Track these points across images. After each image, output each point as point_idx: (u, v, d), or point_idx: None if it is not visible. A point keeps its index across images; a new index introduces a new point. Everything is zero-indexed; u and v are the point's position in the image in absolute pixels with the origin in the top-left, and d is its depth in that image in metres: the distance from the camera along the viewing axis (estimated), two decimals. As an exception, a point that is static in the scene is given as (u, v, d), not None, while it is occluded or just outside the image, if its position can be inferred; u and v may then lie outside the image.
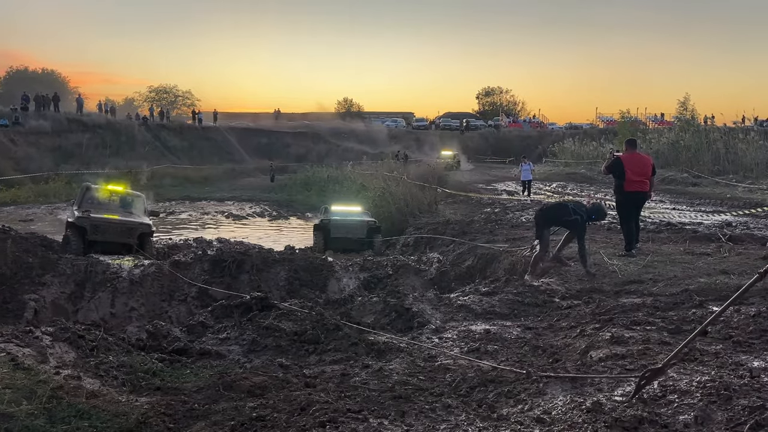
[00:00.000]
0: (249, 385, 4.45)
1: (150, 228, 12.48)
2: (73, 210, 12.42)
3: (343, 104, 78.61)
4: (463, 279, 10.16)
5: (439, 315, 6.88)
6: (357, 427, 3.64)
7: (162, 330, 6.29)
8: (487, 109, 75.84)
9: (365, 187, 24.04)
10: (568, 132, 55.02)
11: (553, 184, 28.21)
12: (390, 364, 5.11)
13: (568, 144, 43.34)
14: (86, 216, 11.62)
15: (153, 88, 73.53)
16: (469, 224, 14.27)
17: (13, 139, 34.22)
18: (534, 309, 6.64)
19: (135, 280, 9.26)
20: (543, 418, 3.65)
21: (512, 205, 18.26)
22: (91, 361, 4.75)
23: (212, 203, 29.33)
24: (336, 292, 10.11)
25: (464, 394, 4.25)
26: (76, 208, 12.41)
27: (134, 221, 12.25)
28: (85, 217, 11.60)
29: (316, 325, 6.32)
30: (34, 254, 9.80)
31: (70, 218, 11.91)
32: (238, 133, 50.66)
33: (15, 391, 3.86)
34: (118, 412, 3.85)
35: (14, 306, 8.28)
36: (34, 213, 23.13)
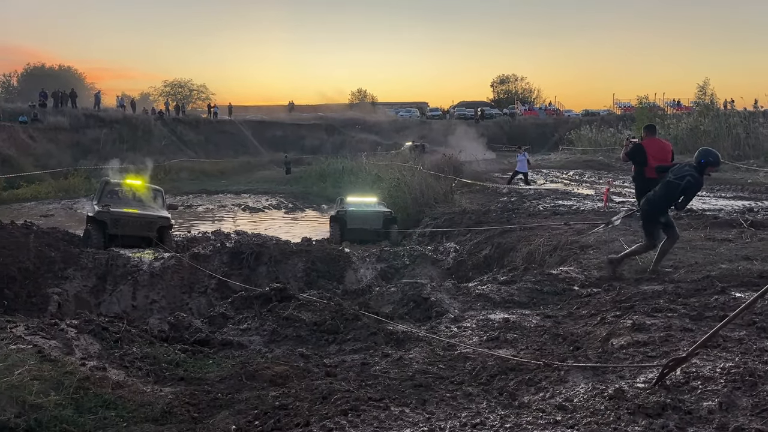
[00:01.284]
0: (271, 375, 4.50)
1: (169, 221, 12.59)
2: (93, 204, 12.55)
3: (357, 95, 78.61)
4: (481, 268, 10.14)
5: (458, 304, 6.88)
6: (379, 414, 3.67)
7: (183, 321, 6.36)
8: (502, 97, 75.28)
9: (380, 177, 24.02)
10: (585, 119, 54.50)
11: (570, 171, 28.00)
12: (409, 353, 5.13)
13: (585, 131, 42.93)
14: (106, 210, 11.75)
15: (168, 83, 74.07)
16: (485, 213, 14.22)
17: (32, 136, 34.67)
18: (553, 297, 6.62)
19: (155, 273, 9.37)
20: (565, 406, 3.65)
21: (529, 194, 18.16)
22: (115, 353, 4.83)
23: (229, 196, 29.51)
24: (353, 282, 10.15)
25: (485, 383, 4.26)
26: (95, 202, 12.54)
27: (153, 215, 12.36)
28: (105, 212, 11.73)
29: (335, 316, 6.36)
30: (57, 248, 9.95)
31: (91, 213, 12.05)
32: (253, 126, 50.88)
33: (43, 383, 3.93)
34: (143, 402, 3.91)
35: (38, 300, 8.42)
36: (55, 208, 23.44)
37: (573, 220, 11.93)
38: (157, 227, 12.14)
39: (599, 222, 10.57)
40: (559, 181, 24.08)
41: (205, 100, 68.83)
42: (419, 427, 3.43)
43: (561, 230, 10.61)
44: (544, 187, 20.05)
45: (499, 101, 73.12)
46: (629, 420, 3.35)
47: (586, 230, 10.20)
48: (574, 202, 15.55)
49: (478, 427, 3.39)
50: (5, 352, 4.33)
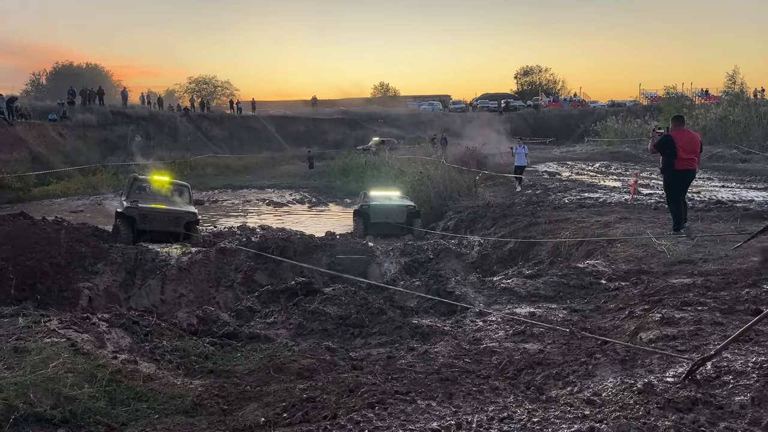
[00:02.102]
0: (298, 368, 4.54)
1: (196, 216, 12.77)
2: (121, 200, 12.76)
3: (379, 89, 78.57)
4: (506, 262, 10.08)
5: (483, 298, 6.87)
6: (405, 408, 3.68)
7: (211, 315, 6.46)
8: (525, 89, 74.56)
9: (403, 171, 24.00)
10: (611, 110, 53.73)
11: (596, 163, 27.64)
12: (435, 347, 5.13)
13: (611, 122, 42.37)
14: (135, 206, 11.94)
15: (193, 79, 74.85)
16: (510, 207, 14.13)
17: (61, 133, 35.30)
18: (580, 291, 6.57)
19: (183, 267, 9.49)
20: (593, 400, 3.62)
21: (554, 186, 17.99)
22: (145, 346, 4.92)
23: (253, 191, 29.74)
24: (377, 276, 10.17)
25: (511, 377, 4.24)
26: (124, 198, 12.74)
27: (181, 210, 12.54)
28: (134, 207, 11.91)
29: (361, 309, 6.40)
30: (87, 244, 10.14)
31: (120, 208, 12.25)
32: (277, 122, 51.16)
33: (77, 375, 4.02)
34: (174, 394, 3.98)
35: (70, 294, 8.58)
36: (84, 204, 23.87)
37: (600, 212, 11.80)
38: (185, 222, 12.32)
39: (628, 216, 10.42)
40: (584, 173, 23.81)
41: (229, 96, 69.46)
42: (446, 420, 3.43)
43: (587, 223, 10.51)
44: (569, 179, 19.81)
45: (523, 93, 72.44)
46: (659, 415, 3.32)
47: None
48: (600, 194, 15.36)
49: (506, 421, 3.38)
50: (40, 346, 4.43)
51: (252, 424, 3.56)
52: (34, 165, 28.92)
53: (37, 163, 29.59)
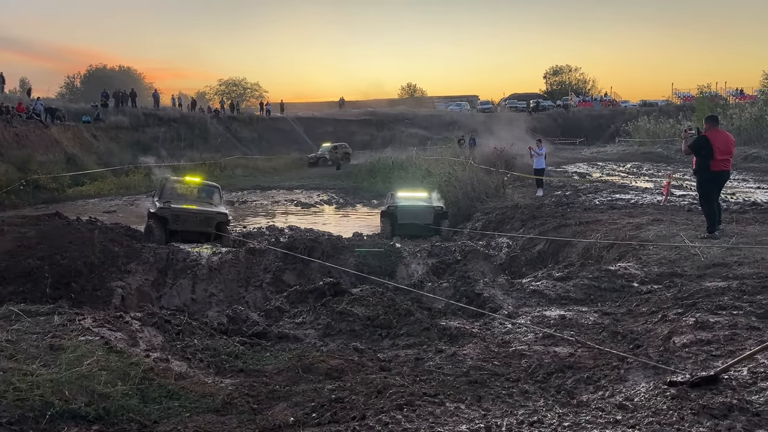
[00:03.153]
0: (326, 368, 4.56)
1: (227, 217, 12.94)
2: (154, 201, 12.95)
3: (407, 90, 78.53)
4: (535, 264, 9.98)
5: (511, 300, 6.81)
6: (434, 410, 3.67)
7: (241, 314, 6.53)
8: (555, 88, 73.77)
9: (430, 172, 23.94)
10: (643, 110, 52.88)
11: (627, 164, 27.24)
12: (463, 349, 5.11)
13: (643, 122, 41.75)
14: (167, 206, 12.12)
15: (223, 81, 75.83)
16: (539, 208, 13.99)
17: (95, 135, 36.09)
18: (611, 294, 6.47)
19: (213, 267, 9.61)
20: (625, 405, 3.56)
21: (584, 187, 17.75)
22: (177, 345, 4.99)
23: (282, 192, 29.98)
24: (405, 277, 10.16)
25: (541, 380, 4.20)
26: (157, 199, 12.94)
27: (212, 210, 12.71)
28: (167, 208, 12.10)
29: (388, 310, 6.40)
30: (120, 243, 10.33)
31: (153, 209, 12.43)
32: (305, 123, 51.54)
33: (110, 373, 4.10)
34: (205, 392, 4.03)
35: (103, 293, 8.74)
36: (117, 204, 24.33)
37: (632, 213, 11.62)
38: (216, 223, 12.48)
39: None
40: (615, 174, 23.46)
41: (259, 97, 70.14)
42: (475, 423, 3.41)
43: (619, 225, 10.35)
44: (600, 180, 19.52)
45: (553, 93, 71.69)
46: (693, 421, 3.25)
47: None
48: (632, 195, 15.12)
49: (536, 425, 3.34)
50: (75, 344, 4.53)
51: (281, 424, 3.59)
52: (68, 166, 29.61)
53: (72, 164, 30.29)
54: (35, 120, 31.39)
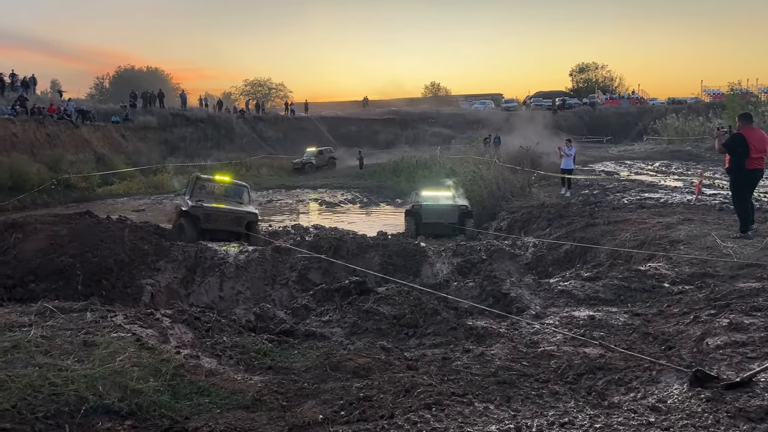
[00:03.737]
0: (354, 366, 4.57)
1: (257, 217, 13.02)
2: (185, 199, 13.01)
3: (430, 88, 78.35)
4: (562, 264, 9.87)
5: (539, 300, 6.75)
6: (463, 410, 3.66)
7: (268, 312, 6.58)
8: (581, 86, 72.90)
9: (455, 171, 23.85)
10: (671, 107, 51.93)
11: (656, 163, 26.81)
12: (491, 349, 5.07)
13: (671, 120, 41.03)
14: (199, 205, 12.18)
15: (248, 82, 76.50)
16: (565, 207, 13.83)
17: (124, 135, 36.70)
18: (642, 295, 6.37)
19: (240, 265, 9.69)
20: (658, 407, 3.51)
21: (612, 186, 17.51)
22: (207, 342, 5.05)
23: (306, 191, 30.16)
24: (430, 276, 10.12)
25: (571, 381, 4.15)
26: (188, 197, 12.99)
27: (243, 210, 12.79)
28: (199, 206, 12.16)
29: (415, 309, 6.40)
30: (149, 242, 10.46)
31: (185, 207, 12.48)
32: (328, 122, 51.75)
33: (142, 369, 4.16)
34: (234, 389, 4.07)
35: (133, 290, 8.87)
36: (145, 203, 24.72)
37: (662, 213, 11.43)
38: (246, 222, 12.55)
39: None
40: (644, 172, 23.11)
41: (283, 97, 70.67)
42: (505, 424, 3.38)
43: (648, 224, 10.19)
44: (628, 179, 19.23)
45: (579, 90, 70.85)
46: (729, 424, 3.19)
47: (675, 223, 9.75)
48: (661, 194, 14.88)
49: (567, 427, 3.31)
50: (107, 340, 4.61)
51: (311, 421, 3.60)
52: (98, 165, 30.17)
53: (101, 163, 30.85)
54: (66, 120, 32.02)
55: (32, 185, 23.63)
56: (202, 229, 12.16)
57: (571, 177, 17.49)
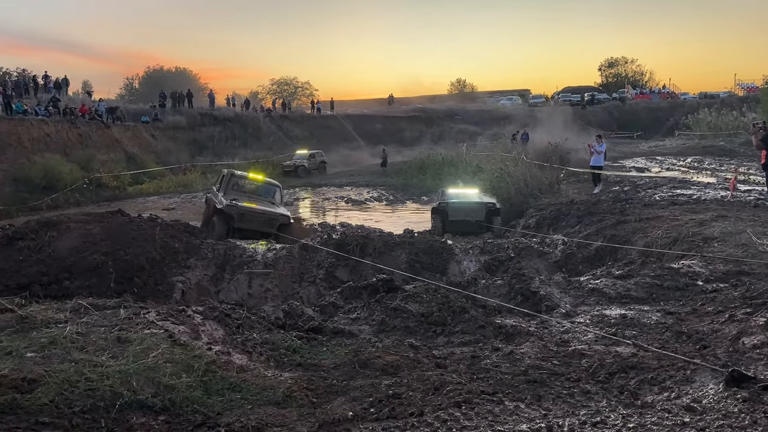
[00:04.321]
0: (383, 364, 4.58)
1: (289, 219, 13.01)
2: (219, 197, 12.98)
3: (456, 85, 77.93)
4: (593, 262, 9.73)
5: (569, 299, 6.68)
6: (493, 408, 3.64)
7: (297, 309, 6.63)
8: (610, 81, 71.74)
9: (481, 168, 23.69)
10: (703, 102, 50.87)
11: (688, 158, 26.30)
12: (521, 347, 5.04)
13: (703, 115, 40.18)
14: (234, 204, 12.21)
15: (275, 81, 76.93)
16: (595, 204, 13.64)
17: (153, 135, 37.28)
18: (675, 293, 6.26)
19: (269, 263, 9.79)
20: (693, 407, 3.44)
21: (643, 182, 17.22)
22: (237, 338, 5.11)
23: (332, 189, 30.27)
24: (457, 274, 10.09)
25: (603, 380, 4.10)
26: (222, 195, 12.97)
27: (276, 212, 12.78)
28: (234, 206, 12.18)
29: (442, 307, 6.38)
30: (179, 240, 10.63)
31: (219, 205, 12.49)
32: (354, 120, 51.81)
33: (175, 365, 4.23)
34: (265, 385, 4.11)
35: (164, 287, 9.03)
36: (175, 202, 25.07)
37: (694, 209, 11.21)
38: (278, 224, 12.56)
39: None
40: (676, 168, 22.69)
41: (309, 96, 70.91)
42: (536, 423, 3.36)
43: (681, 221, 10.00)
44: (660, 175, 18.89)
45: (608, 85, 69.74)
46: (767, 425, 3.11)
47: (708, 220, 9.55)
48: (694, 191, 14.59)
49: (599, 426, 3.27)
50: (141, 336, 4.70)
51: (341, 418, 3.62)
52: (128, 165, 30.72)
53: (132, 163, 31.40)
54: (97, 121, 32.66)
55: (65, 184, 24.16)
56: (233, 228, 12.21)
57: (600, 173, 17.16)
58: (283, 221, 12.71)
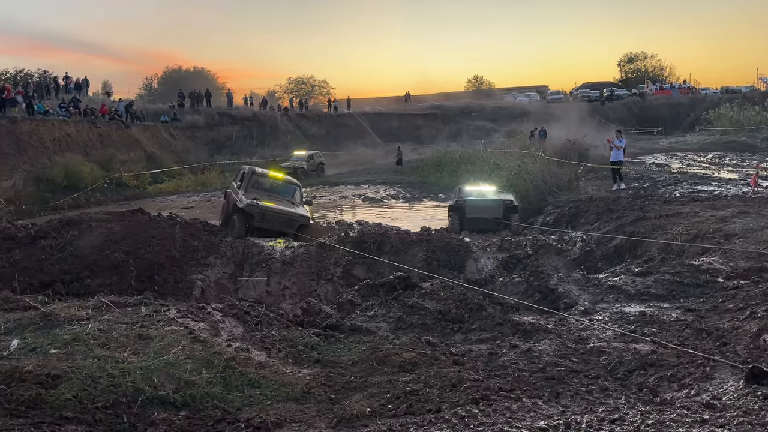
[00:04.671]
0: (400, 361, 4.60)
1: (309, 220, 13.01)
2: (240, 195, 12.86)
3: (473, 82, 77.64)
4: (612, 259, 9.66)
5: (588, 296, 6.64)
6: (510, 405, 3.64)
7: (314, 307, 6.67)
8: (630, 76, 70.96)
9: (499, 165, 23.57)
10: (725, 97, 50.07)
11: (708, 154, 25.95)
12: (538, 344, 5.03)
13: (725, 110, 39.55)
14: (255, 204, 12.19)
15: (292, 80, 77.24)
16: (615, 201, 13.52)
17: (172, 134, 37.64)
18: (695, 290, 6.20)
19: (286, 261, 9.86)
20: (713, 404, 3.42)
21: (663, 178, 17.02)
22: (256, 335, 5.16)
23: (349, 187, 30.30)
24: (474, 272, 10.07)
25: (622, 377, 4.08)
26: (243, 193, 12.90)
27: (296, 213, 12.77)
28: (254, 205, 12.16)
29: (460, 305, 6.38)
30: (199, 238, 10.74)
31: (240, 204, 12.45)
32: (371, 118, 51.84)
33: (195, 361, 4.29)
34: (284, 382, 4.15)
35: (184, 285, 9.13)
36: (194, 200, 25.28)
37: (715, 206, 11.06)
38: (298, 225, 12.58)
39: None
40: (696, 164, 22.40)
41: (326, 95, 71.11)
42: (554, 419, 3.35)
43: (701, 217, 9.88)
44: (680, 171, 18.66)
45: (627, 81, 68.98)
46: (789, 423, 3.08)
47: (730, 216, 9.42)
48: (715, 187, 14.40)
49: (617, 423, 3.26)
50: (161, 333, 4.77)
51: (359, 414, 3.65)
52: (148, 164, 31.05)
53: (151, 162, 31.74)
54: (117, 121, 33.05)
55: (86, 184, 24.49)
56: (253, 227, 12.22)
57: (620, 169, 16.95)
58: (303, 222, 12.73)
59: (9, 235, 10.57)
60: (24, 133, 25.31)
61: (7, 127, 24.41)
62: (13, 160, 23.41)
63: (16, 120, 25.47)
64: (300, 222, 12.63)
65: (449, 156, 33.06)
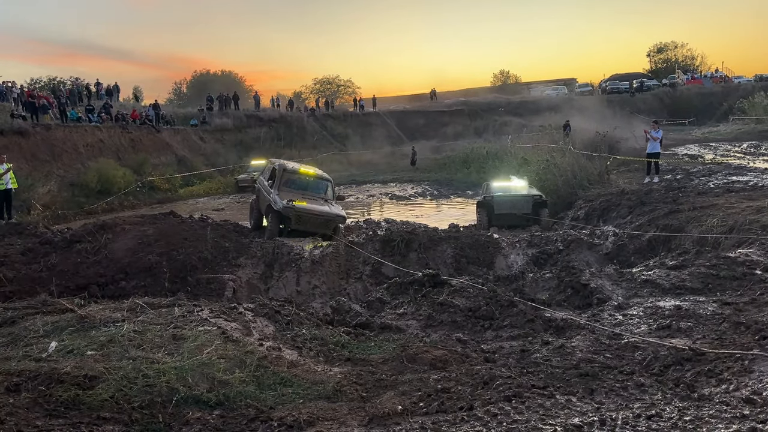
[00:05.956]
0: (431, 358, 4.59)
1: (344, 220, 12.73)
2: (273, 194, 12.58)
3: (500, 77, 76.98)
4: (645, 253, 9.48)
5: (621, 291, 6.53)
6: (544, 402, 3.60)
7: (344, 306, 6.69)
8: (660, 67, 69.58)
9: (527, 161, 23.32)
10: (759, 85, 48.74)
11: (743, 144, 25.30)
12: (571, 341, 4.97)
13: (759, 98, 38.48)
14: (291, 206, 12.05)
15: (317, 80, 77.65)
16: (647, 194, 13.27)
17: (201, 137, 38.17)
18: (732, 283, 6.05)
19: (316, 261, 9.92)
20: (753, 399, 3.33)
21: (697, 170, 16.65)
22: (287, 334, 5.20)
23: (376, 185, 30.35)
24: (504, 268, 9.99)
25: (657, 373, 4.00)
26: (276, 192, 12.61)
27: (332, 213, 12.45)
28: (291, 207, 12.00)
29: (490, 302, 6.34)
30: (229, 239, 10.89)
31: (275, 207, 12.19)
32: (396, 116, 51.78)
33: (228, 361, 4.34)
34: (315, 380, 4.18)
35: (216, 285, 9.26)
36: (224, 202, 25.61)
37: (751, 197, 10.77)
38: (334, 226, 12.41)
39: None
40: (730, 155, 21.85)
41: (352, 94, 71.27)
42: (588, 416, 3.31)
43: (737, 209, 9.63)
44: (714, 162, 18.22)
45: (657, 71, 67.65)
46: (835, 419, 2.99)
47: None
48: (750, 177, 14.03)
49: (654, 419, 3.20)
50: (195, 333, 4.83)
51: (390, 412, 3.65)
52: (179, 167, 31.53)
53: (182, 165, 32.22)
54: (148, 125, 33.65)
55: (119, 188, 24.99)
56: (287, 228, 12.11)
57: (656, 161, 16.51)
58: (339, 222, 12.53)
59: (46, 239, 10.87)
60: (58, 140, 25.92)
61: (41, 135, 25.02)
62: (48, 167, 23.99)
63: (50, 127, 26.09)
64: (336, 222, 12.45)
65: (476, 152, 32.86)
